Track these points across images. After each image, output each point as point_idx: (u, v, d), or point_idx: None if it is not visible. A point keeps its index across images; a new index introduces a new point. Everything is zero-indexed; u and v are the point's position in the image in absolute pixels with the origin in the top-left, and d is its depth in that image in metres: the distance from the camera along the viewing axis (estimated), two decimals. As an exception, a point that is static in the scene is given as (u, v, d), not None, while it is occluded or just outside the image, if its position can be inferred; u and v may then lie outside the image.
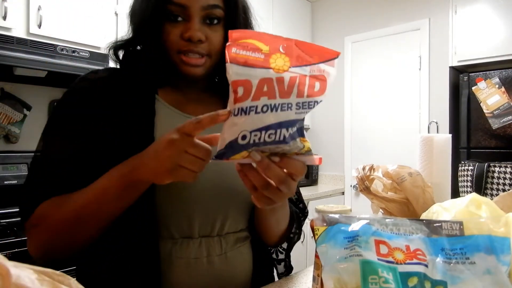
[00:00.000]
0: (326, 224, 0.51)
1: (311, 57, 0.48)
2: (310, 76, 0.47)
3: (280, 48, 0.47)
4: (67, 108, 0.68)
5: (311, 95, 0.47)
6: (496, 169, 1.56)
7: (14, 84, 2.02)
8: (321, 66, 0.48)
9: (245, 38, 0.46)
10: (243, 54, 0.45)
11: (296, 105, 0.47)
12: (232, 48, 0.45)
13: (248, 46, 0.46)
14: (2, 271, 0.23)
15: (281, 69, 0.46)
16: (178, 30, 0.66)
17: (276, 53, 0.46)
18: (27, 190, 0.65)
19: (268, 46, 0.46)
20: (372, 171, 0.89)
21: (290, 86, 0.46)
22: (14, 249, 1.44)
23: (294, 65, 0.47)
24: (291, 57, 0.47)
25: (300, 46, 0.48)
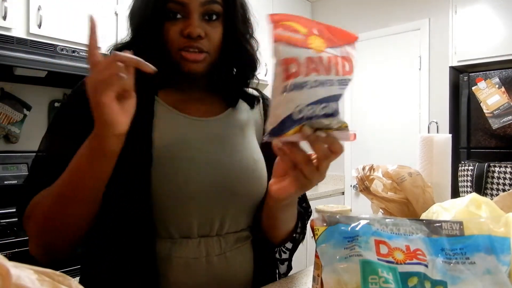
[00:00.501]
0: (326, 224, 0.51)
1: (339, 39, 0.52)
2: (341, 57, 0.52)
3: (314, 30, 0.50)
4: (68, 110, 0.69)
5: (345, 74, 0.52)
6: (496, 169, 1.56)
7: (14, 84, 2.02)
8: (347, 48, 0.53)
9: (286, 20, 0.49)
10: (287, 35, 0.48)
11: (337, 82, 0.51)
12: (277, 29, 0.48)
13: (290, 28, 0.49)
14: (2, 272, 0.23)
15: (318, 49, 0.49)
16: (177, 27, 0.66)
17: (312, 35, 0.50)
18: (24, 188, 0.66)
19: (306, 28, 0.50)
20: (372, 171, 0.89)
21: (329, 65, 0.50)
22: (14, 249, 1.44)
23: (329, 46, 0.50)
24: (324, 39, 0.51)
25: (329, 29, 0.52)
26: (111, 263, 0.64)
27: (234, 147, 0.73)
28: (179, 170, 0.66)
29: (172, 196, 0.65)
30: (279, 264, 0.83)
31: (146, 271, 0.63)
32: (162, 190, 0.64)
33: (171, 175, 0.65)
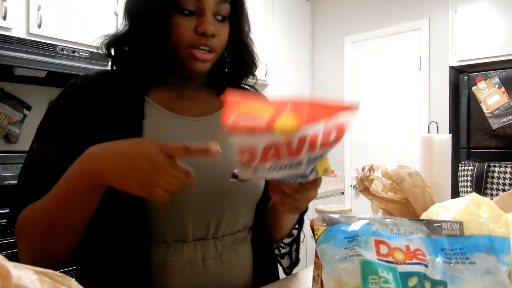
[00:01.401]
0: (326, 224, 0.51)
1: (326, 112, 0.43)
2: (325, 131, 0.43)
3: (287, 107, 0.43)
4: (56, 115, 0.67)
5: (325, 145, 0.44)
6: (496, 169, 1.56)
7: (14, 84, 2.02)
8: (340, 117, 0.44)
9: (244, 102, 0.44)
10: (242, 123, 0.42)
11: (307, 161, 0.46)
12: (232, 115, 0.42)
13: (248, 112, 0.43)
14: (2, 272, 0.23)
15: (289, 130, 0.42)
16: (190, 23, 0.64)
17: (283, 114, 0.42)
18: (14, 200, 0.64)
19: (273, 107, 0.43)
20: (371, 171, 0.89)
21: (300, 146, 0.43)
22: (14, 249, 1.44)
23: (305, 124, 0.42)
24: (300, 115, 0.42)
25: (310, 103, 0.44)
26: (106, 269, 0.64)
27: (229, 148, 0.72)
28: None
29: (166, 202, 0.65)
30: (279, 259, 0.83)
31: (141, 277, 0.62)
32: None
33: None
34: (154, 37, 0.66)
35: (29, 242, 0.61)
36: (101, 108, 0.65)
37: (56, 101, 0.68)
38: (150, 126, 0.66)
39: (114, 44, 0.71)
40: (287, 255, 0.83)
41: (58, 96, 0.69)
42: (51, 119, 0.67)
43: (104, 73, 0.71)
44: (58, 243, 0.60)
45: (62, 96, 0.68)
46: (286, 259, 0.83)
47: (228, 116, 0.42)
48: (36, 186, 0.62)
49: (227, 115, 0.43)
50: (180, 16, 0.64)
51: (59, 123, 0.66)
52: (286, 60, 3.23)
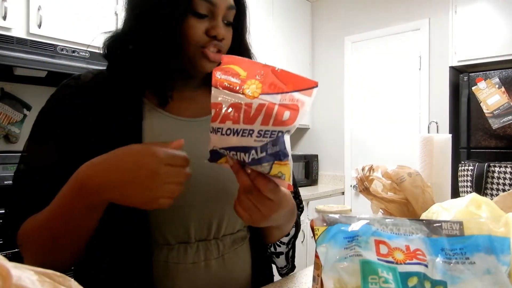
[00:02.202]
0: (326, 224, 0.51)
1: (285, 85, 0.48)
2: (280, 104, 0.47)
3: (258, 74, 0.48)
4: (51, 117, 0.66)
5: (277, 125, 0.47)
6: (496, 169, 1.56)
7: (14, 84, 2.02)
8: (295, 95, 0.48)
9: (230, 63, 0.49)
10: (224, 79, 0.48)
11: (257, 133, 0.48)
12: (217, 72, 0.49)
13: (229, 71, 0.49)
14: (2, 272, 0.23)
15: (251, 95, 0.47)
16: (203, 25, 0.66)
17: (252, 79, 0.48)
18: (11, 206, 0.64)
19: (247, 72, 0.48)
20: (371, 171, 0.89)
21: (256, 113, 0.47)
22: (14, 249, 1.44)
23: (265, 92, 0.47)
24: (264, 84, 0.48)
25: (277, 73, 0.48)
26: (108, 272, 0.63)
27: None
28: None
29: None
30: (275, 258, 0.83)
31: (143, 280, 0.62)
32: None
33: None
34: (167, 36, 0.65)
35: (32, 254, 0.60)
36: (97, 109, 0.65)
37: (50, 102, 0.67)
38: (149, 128, 0.66)
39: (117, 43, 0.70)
40: (284, 255, 0.83)
41: (51, 98, 0.68)
42: (46, 121, 0.66)
43: (98, 73, 0.70)
44: (61, 255, 0.60)
45: (56, 97, 0.67)
46: (282, 259, 0.83)
47: (215, 72, 0.49)
48: (35, 194, 0.61)
49: (215, 71, 0.49)
50: (193, 18, 0.65)
51: (55, 125, 0.65)
52: (286, 60, 3.23)
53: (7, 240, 0.63)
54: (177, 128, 0.69)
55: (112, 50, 0.70)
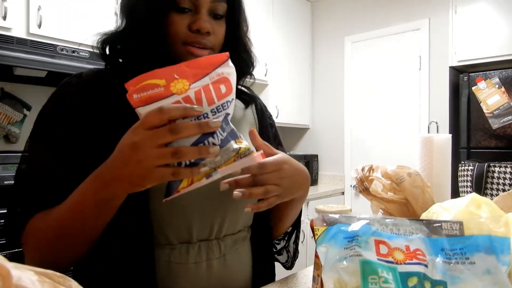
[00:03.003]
0: (326, 224, 0.51)
1: (205, 67, 0.50)
2: (212, 83, 0.50)
3: (175, 75, 0.49)
4: (53, 116, 0.65)
5: (221, 97, 0.50)
6: (496, 169, 1.55)
7: (14, 84, 2.02)
8: (218, 70, 0.51)
9: (140, 81, 0.48)
10: (144, 95, 0.48)
11: (211, 112, 0.50)
12: (133, 95, 0.48)
13: (145, 87, 0.48)
14: (3, 272, 0.24)
15: (183, 90, 0.49)
16: (185, 20, 0.64)
17: (173, 81, 0.49)
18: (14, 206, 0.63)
19: (163, 79, 0.48)
20: (371, 171, 0.89)
21: (198, 99, 0.49)
22: (14, 249, 1.44)
23: (193, 81, 0.49)
24: (186, 78, 0.49)
25: (190, 65, 0.50)
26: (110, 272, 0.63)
27: None
28: None
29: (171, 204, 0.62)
30: (278, 256, 0.83)
31: (145, 280, 0.62)
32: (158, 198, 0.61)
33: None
34: (151, 34, 0.64)
35: (38, 252, 0.60)
36: (99, 108, 0.64)
37: (51, 101, 0.66)
38: None
39: (110, 42, 0.69)
40: (284, 249, 0.83)
41: (52, 97, 0.67)
42: (47, 120, 0.65)
43: (99, 72, 0.70)
44: (69, 252, 0.60)
45: (57, 96, 0.66)
46: (284, 255, 0.84)
47: (131, 95, 0.48)
48: (37, 194, 0.61)
49: (130, 95, 0.48)
50: (175, 13, 0.63)
51: (56, 124, 0.64)
52: (286, 60, 3.23)
53: (10, 239, 0.63)
54: None
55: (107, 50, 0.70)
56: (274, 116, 2.99)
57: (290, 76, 3.28)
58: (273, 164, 0.59)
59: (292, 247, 0.84)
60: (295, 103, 3.33)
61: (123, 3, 0.69)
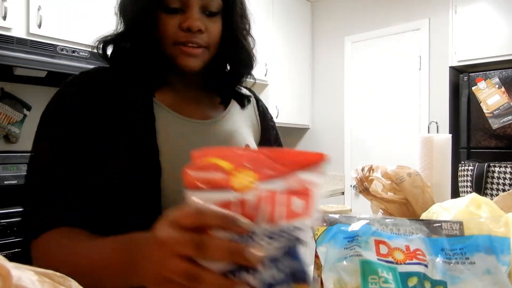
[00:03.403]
0: (326, 224, 0.51)
1: (285, 165, 0.37)
2: (287, 191, 0.36)
3: (245, 162, 0.37)
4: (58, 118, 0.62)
5: (291, 217, 0.35)
6: (496, 169, 1.55)
7: (14, 84, 2.02)
8: (301, 175, 0.37)
9: (206, 156, 0.38)
10: (202, 177, 0.37)
11: (261, 236, 0.34)
12: (191, 171, 0.37)
13: (207, 166, 0.37)
14: (3, 273, 0.24)
15: (245, 187, 0.36)
16: (175, 20, 0.62)
17: (240, 169, 0.36)
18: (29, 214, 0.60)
19: (231, 162, 0.37)
20: (371, 171, 0.89)
21: (255, 209, 0.35)
22: (14, 249, 1.44)
23: (262, 179, 0.36)
24: (257, 171, 0.36)
25: (270, 154, 0.38)
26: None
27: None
28: None
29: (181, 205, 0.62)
30: None
31: None
32: (172, 200, 0.60)
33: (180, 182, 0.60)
34: (142, 36, 0.64)
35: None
36: (99, 108, 0.63)
37: (56, 101, 0.64)
38: (162, 129, 0.64)
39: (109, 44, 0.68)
40: None
41: (57, 96, 0.65)
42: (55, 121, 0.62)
43: (101, 71, 0.68)
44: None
45: (63, 96, 0.64)
46: None
47: (188, 170, 0.37)
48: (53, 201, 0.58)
49: (187, 169, 0.37)
50: (165, 14, 0.62)
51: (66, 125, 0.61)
52: (286, 60, 3.23)
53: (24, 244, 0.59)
54: (190, 130, 0.68)
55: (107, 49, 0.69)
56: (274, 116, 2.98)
57: (290, 76, 3.28)
58: None
59: None
60: (295, 103, 3.33)
61: (118, 5, 0.69)
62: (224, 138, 0.71)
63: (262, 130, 0.83)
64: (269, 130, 0.85)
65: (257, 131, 0.82)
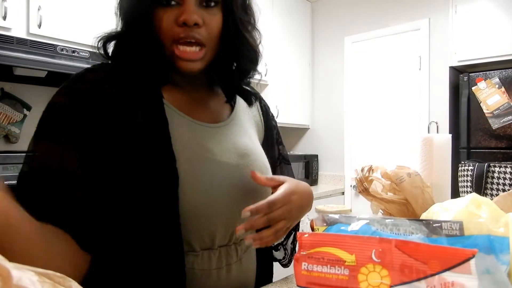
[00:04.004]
0: (326, 224, 0.51)
1: (426, 263, 0.31)
2: None
3: (373, 255, 0.31)
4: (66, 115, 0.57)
5: None
6: (496, 169, 1.55)
7: (14, 84, 2.02)
8: (447, 276, 0.31)
9: (319, 245, 0.32)
10: (318, 272, 0.32)
11: None
12: (303, 263, 0.32)
13: (323, 257, 0.32)
14: (3, 273, 0.24)
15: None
16: (171, 15, 0.59)
17: (368, 264, 0.31)
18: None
19: (354, 254, 0.32)
20: (370, 172, 0.89)
21: None
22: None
23: (398, 283, 0.30)
24: (391, 269, 0.31)
25: (405, 248, 0.31)
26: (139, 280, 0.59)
27: (249, 157, 0.70)
28: (206, 186, 0.62)
29: (198, 213, 0.61)
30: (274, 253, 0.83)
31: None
32: (189, 207, 0.60)
33: (198, 191, 0.61)
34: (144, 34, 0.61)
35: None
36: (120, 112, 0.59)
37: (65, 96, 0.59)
38: (176, 134, 0.62)
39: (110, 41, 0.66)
40: (282, 245, 0.84)
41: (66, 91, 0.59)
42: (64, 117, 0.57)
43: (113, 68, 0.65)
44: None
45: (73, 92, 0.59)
46: (281, 251, 0.84)
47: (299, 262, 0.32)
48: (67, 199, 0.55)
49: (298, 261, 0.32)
50: (161, 9, 0.59)
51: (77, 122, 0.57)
52: (286, 60, 3.23)
53: None
54: (203, 134, 0.66)
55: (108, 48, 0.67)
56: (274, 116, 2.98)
57: (290, 76, 3.28)
58: (282, 200, 0.60)
59: (290, 247, 0.84)
60: (295, 103, 3.33)
61: (117, 4, 0.67)
62: (236, 143, 0.70)
63: (265, 129, 0.83)
64: (271, 130, 0.85)
65: (261, 130, 0.82)
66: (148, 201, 0.57)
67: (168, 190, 0.58)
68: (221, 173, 0.65)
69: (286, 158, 0.87)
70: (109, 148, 0.57)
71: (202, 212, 0.62)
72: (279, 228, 0.60)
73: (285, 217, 0.60)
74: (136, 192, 0.57)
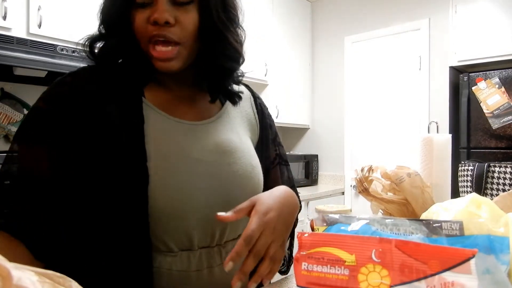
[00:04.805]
0: (326, 224, 0.51)
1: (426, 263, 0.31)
2: None
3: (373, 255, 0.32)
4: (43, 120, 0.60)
5: None
6: (496, 169, 1.55)
7: (14, 84, 2.02)
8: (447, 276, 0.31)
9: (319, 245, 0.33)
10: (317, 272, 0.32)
11: None
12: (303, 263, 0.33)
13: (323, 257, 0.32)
14: (3, 273, 0.24)
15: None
16: (145, 14, 0.59)
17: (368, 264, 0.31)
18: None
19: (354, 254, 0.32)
20: (370, 172, 0.89)
21: None
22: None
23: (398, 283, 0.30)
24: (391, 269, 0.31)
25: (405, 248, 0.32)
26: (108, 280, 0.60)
27: (232, 154, 0.69)
28: (179, 184, 0.61)
29: (172, 212, 0.61)
30: None
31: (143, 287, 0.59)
32: (160, 206, 0.59)
33: (170, 190, 0.60)
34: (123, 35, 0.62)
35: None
36: (96, 112, 0.61)
37: (45, 100, 0.62)
38: (152, 132, 0.62)
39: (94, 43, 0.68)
40: None
41: (45, 96, 0.62)
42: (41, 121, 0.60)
43: (94, 70, 0.67)
44: None
45: (52, 96, 0.62)
46: None
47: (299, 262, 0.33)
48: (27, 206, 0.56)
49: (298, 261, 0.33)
50: (135, 9, 0.60)
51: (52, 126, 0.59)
52: (286, 60, 3.23)
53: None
54: (181, 133, 0.66)
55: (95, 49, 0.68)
56: (274, 116, 2.98)
57: (290, 76, 3.28)
58: (258, 228, 0.54)
59: (287, 253, 0.81)
60: (295, 103, 3.33)
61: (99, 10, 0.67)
62: (218, 140, 0.69)
63: (260, 128, 0.81)
64: (267, 129, 0.83)
65: (255, 129, 0.80)
66: (117, 198, 0.58)
67: (137, 187, 0.58)
68: (196, 171, 0.63)
69: (284, 159, 0.85)
70: (84, 148, 0.59)
71: (175, 211, 0.61)
72: (272, 254, 0.56)
73: (272, 239, 0.55)
74: (106, 190, 0.58)
